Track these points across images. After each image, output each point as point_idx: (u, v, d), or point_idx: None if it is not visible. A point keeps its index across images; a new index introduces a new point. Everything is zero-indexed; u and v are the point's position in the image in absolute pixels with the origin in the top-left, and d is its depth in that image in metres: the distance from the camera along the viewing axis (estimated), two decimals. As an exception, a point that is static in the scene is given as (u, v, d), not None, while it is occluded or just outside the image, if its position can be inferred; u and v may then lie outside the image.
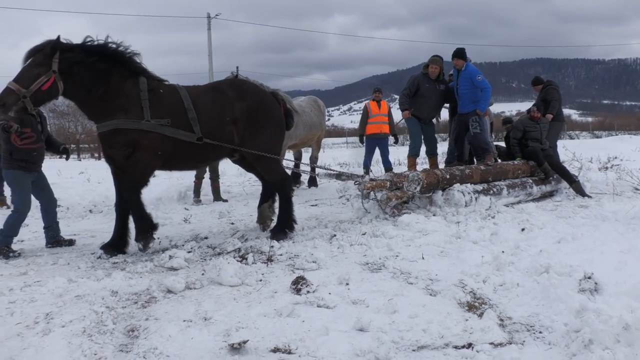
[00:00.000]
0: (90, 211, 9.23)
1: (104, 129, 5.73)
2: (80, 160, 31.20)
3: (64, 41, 5.59)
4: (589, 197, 9.19)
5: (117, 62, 5.80)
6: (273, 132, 6.63)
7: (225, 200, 10.22)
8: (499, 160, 10.09)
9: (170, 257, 5.41)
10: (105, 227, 7.77)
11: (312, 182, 12.53)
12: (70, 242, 6.61)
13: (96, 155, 34.53)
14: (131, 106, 5.75)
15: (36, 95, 5.42)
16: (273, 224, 6.88)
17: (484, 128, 9.60)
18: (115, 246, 6.03)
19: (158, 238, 6.33)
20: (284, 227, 6.61)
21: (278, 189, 6.82)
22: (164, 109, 5.88)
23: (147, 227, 5.96)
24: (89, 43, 5.71)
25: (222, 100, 6.27)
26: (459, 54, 9.69)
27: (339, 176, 7.42)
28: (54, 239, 6.55)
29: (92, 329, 3.80)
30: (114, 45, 5.78)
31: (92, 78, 5.64)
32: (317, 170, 9.53)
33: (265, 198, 7.12)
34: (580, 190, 9.40)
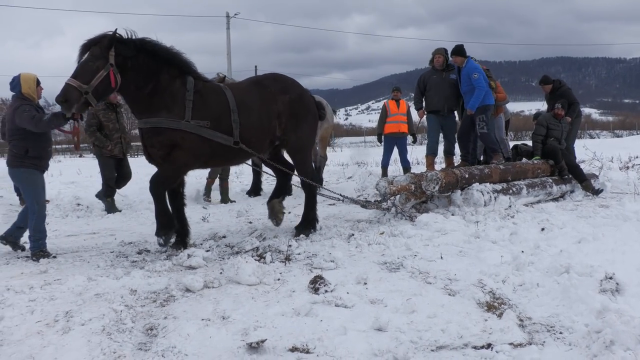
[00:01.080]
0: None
1: (144, 125, 5.75)
2: (94, 157, 31.48)
3: (119, 35, 5.54)
4: (599, 192, 9.29)
5: (168, 60, 5.78)
6: (311, 124, 6.88)
7: (233, 201, 10.15)
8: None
9: (189, 255, 5.44)
10: (124, 226, 7.85)
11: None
12: (23, 249, 6.31)
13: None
14: (175, 105, 5.73)
15: (97, 90, 5.37)
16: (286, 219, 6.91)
17: (491, 127, 9.51)
18: (178, 240, 6.14)
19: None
20: (310, 224, 6.73)
21: (307, 184, 6.83)
22: (207, 110, 5.87)
23: (168, 223, 5.95)
24: (146, 39, 5.70)
25: (266, 95, 6.35)
26: (457, 51, 9.62)
27: (364, 205, 7.33)
28: (13, 238, 6.29)
29: (112, 327, 3.83)
30: (166, 44, 5.79)
31: (143, 74, 5.62)
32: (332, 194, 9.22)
33: (277, 194, 7.07)
34: (589, 188, 9.40)
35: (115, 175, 9.33)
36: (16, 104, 5.84)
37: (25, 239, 6.29)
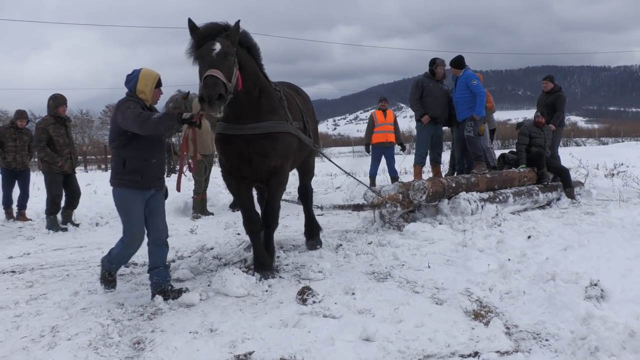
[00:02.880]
0: (97, 223, 9.26)
1: (252, 131, 5.02)
2: (87, 171, 31.28)
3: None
4: (576, 200, 9.50)
5: (259, 56, 5.27)
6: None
7: (211, 213, 10.02)
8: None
9: (176, 268, 5.43)
10: (111, 239, 7.77)
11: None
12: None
13: (103, 166, 34.63)
14: (278, 107, 5.29)
15: (232, 92, 4.54)
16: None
17: (477, 133, 9.59)
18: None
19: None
20: (317, 233, 6.62)
21: (309, 192, 6.76)
22: (293, 113, 5.57)
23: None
24: (245, 32, 5.05)
25: (301, 100, 6.20)
26: (456, 63, 9.79)
27: (357, 207, 7.37)
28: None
29: (98, 341, 3.82)
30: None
31: (251, 74, 4.98)
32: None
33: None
34: (571, 195, 9.61)
35: (62, 192, 8.98)
36: (118, 102, 4.70)
37: (70, 243, 5.98)
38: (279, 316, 4.15)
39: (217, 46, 4.48)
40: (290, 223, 8.36)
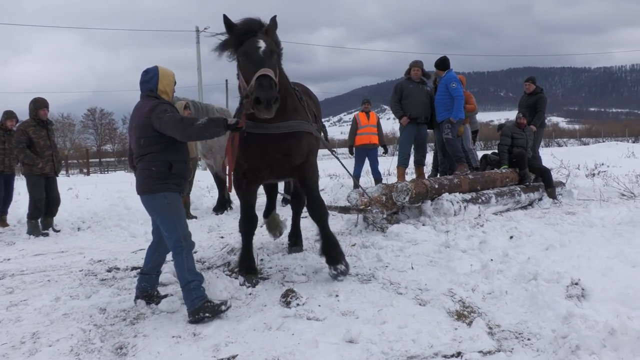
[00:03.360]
0: (79, 228, 9.17)
1: (276, 131, 4.86)
2: (68, 176, 30.99)
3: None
4: (557, 200, 9.63)
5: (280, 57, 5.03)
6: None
7: (194, 217, 9.93)
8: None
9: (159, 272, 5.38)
10: (93, 244, 7.73)
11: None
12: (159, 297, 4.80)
13: (85, 170, 34.31)
14: (300, 107, 5.18)
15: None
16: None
17: (454, 135, 9.66)
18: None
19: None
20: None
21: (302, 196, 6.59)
22: (311, 114, 5.47)
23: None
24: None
25: (310, 102, 6.07)
26: (439, 63, 9.90)
27: (343, 210, 7.38)
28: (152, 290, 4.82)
29: (80, 347, 3.78)
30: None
31: (280, 73, 4.84)
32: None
33: (272, 207, 6.66)
34: (553, 196, 9.74)
35: (44, 196, 8.81)
36: (151, 103, 4.34)
37: (52, 248, 5.72)
38: (263, 319, 4.15)
39: (262, 43, 4.39)
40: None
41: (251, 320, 4.15)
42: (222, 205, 10.50)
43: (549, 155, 15.24)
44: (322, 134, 5.86)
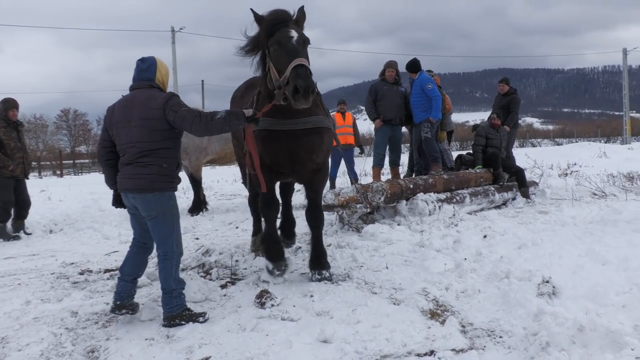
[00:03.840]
0: (51, 231, 9.03)
1: (302, 126, 4.74)
2: (41, 177, 30.49)
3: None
4: (530, 199, 9.76)
5: None
6: None
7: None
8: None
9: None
10: (65, 246, 7.63)
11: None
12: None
13: (58, 172, 33.80)
14: (320, 103, 5.05)
15: None
16: (232, 233, 6.82)
17: (433, 135, 9.74)
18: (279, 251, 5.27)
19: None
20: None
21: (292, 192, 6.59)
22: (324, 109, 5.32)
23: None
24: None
25: None
26: (410, 66, 9.97)
27: (327, 208, 7.39)
28: (131, 300, 4.39)
29: (50, 351, 3.73)
30: None
31: None
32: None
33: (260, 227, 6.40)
34: (526, 195, 9.87)
35: (13, 199, 8.62)
36: (161, 94, 4.14)
37: (22, 251, 5.42)
38: (237, 320, 4.13)
39: (294, 33, 4.31)
40: (249, 227, 8.28)
41: (225, 321, 4.13)
42: (197, 206, 10.45)
43: (523, 156, 15.43)
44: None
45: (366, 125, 10.98)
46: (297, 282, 5.09)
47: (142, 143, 4.02)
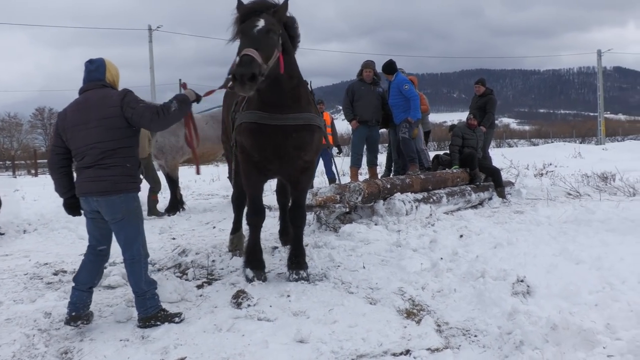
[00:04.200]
0: (25, 231, 8.88)
1: (293, 122, 4.74)
2: (15, 177, 29.95)
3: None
4: (506, 199, 9.86)
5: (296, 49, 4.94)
6: None
7: (164, 214, 9.91)
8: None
9: (107, 274, 5.28)
10: (40, 247, 7.50)
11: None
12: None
13: (32, 171, 33.25)
14: (312, 101, 5.05)
15: (269, 73, 4.24)
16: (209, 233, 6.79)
17: (411, 135, 9.80)
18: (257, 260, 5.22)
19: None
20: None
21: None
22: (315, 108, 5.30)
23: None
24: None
25: None
26: (386, 68, 10.03)
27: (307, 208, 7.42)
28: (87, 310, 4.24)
29: (22, 353, 3.68)
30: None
31: (293, 61, 4.74)
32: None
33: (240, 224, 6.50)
34: (502, 195, 9.98)
35: None
36: (116, 92, 4.09)
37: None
38: (213, 320, 4.11)
39: (261, 22, 4.26)
40: (226, 227, 8.26)
41: (201, 322, 4.11)
42: (174, 206, 10.36)
43: (499, 156, 15.60)
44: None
45: (344, 125, 11.01)
46: (274, 282, 5.09)
47: (103, 143, 3.93)
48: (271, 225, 8.21)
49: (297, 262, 5.18)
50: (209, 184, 16.41)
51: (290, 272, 5.14)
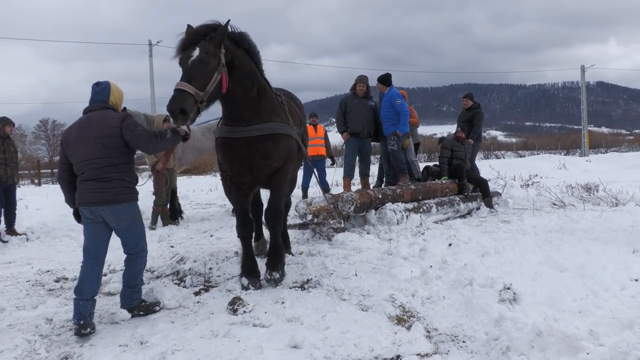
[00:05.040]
0: (28, 238, 8.92)
1: (256, 133, 4.93)
2: (19, 186, 29.72)
3: (230, 27, 4.74)
4: (494, 209, 10.02)
5: (259, 59, 5.17)
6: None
7: (177, 222, 10.11)
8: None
9: (107, 281, 5.38)
10: (42, 254, 7.58)
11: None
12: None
13: (36, 181, 33.11)
14: (280, 110, 5.20)
15: (211, 97, 4.49)
16: (206, 242, 6.88)
17: (399, 147, 9.96)
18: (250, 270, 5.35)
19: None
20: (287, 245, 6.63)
21: (288, 204, 6.68)
22: (294, 118, 5.45)
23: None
24: (244, 34, 4.96)
25: (297, 108, 6.14)
26: (383, 79, 10.21)
27: (303, 226, 7.55)
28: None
29: (24, 358, 3.77)
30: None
31: (247, 74, 4.87)
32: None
33: (260, 230, 6.72)
34: (490, 205, 10.16)
35: None
36: (116, 114, 4.44)
37: None
38: (210, 327, 4.21)
39: (195, 52, 4.42)
40: (223, 235, 8.39)
41: (198, 328, 4.21)
42: (173, 215, 10.47)
43: (487, 167, 15.83)
44: (304, 141, 5.91)
45: (338, 137, 11.16)
46: (269, 289, 5.19)
47: (102, 159, 4.29)
48: (267, 234, 8.35)
49: (270, 263, 5.36)
50: (206, 193, 16.53)
51: (265, 273, 5.33)
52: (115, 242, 7.92)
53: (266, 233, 6.16)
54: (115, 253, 7.05)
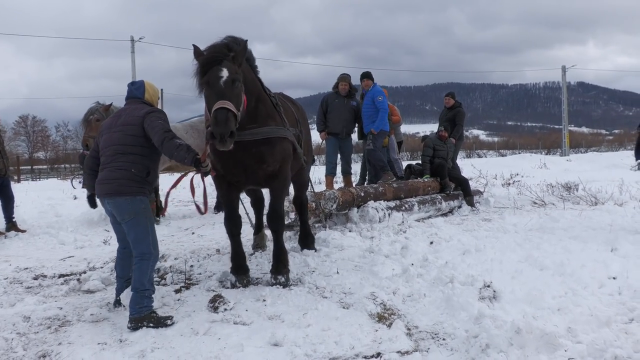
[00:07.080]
0: (6, 236, 8.78)
1: (251, 137, 4.90)
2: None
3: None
4: (475, 208, 10.10)
5: (255, 66, 5.28)
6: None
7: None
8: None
9: (87, 279, 5.32)
10: (20, 252, 7.46)
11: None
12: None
13: (15, 177, 32.70)
14: (275, 113, 5.21)
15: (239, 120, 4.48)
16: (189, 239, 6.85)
17: (378, 146, 9.98)
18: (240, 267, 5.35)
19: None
20: (312, 242, 6.66)
21: (304, 203, 6.76)
22: (289, 120, 5.47)
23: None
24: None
25: (296, 110, 6.16)
26: (368, 74, 10.22)
27: (288, 227, 7.52)
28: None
29: (1, 356, 3.71)
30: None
31: (252, 87, 4.92)
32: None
33: (261, 224, 6.84)
34: (471, 203, 10.25)
35: None
36: (147, 107, 4.49)
37: None
38: (190, 324, 4.19)
39: (225, 72, 4.37)
40: (205, 233, 8.34)
41: (178, 325, 4.19)
42: (156, 212, 10.36)
43: (469, 166, 15.93)
44: (301, 142, 5.87)
45: (319, 136, 11.15)
46: (250, 286, 5.19)
47: (117, 146, 4.34)
48: (249, 231, 8.31)
49: (275, 267, 5.32)
50: (189, 191, 16.36)
51: (270, 277, 5.29)
52: (96, 238, 7.89)
53: (267, 233, 6.19)
54: (95, 250, 7.01)
